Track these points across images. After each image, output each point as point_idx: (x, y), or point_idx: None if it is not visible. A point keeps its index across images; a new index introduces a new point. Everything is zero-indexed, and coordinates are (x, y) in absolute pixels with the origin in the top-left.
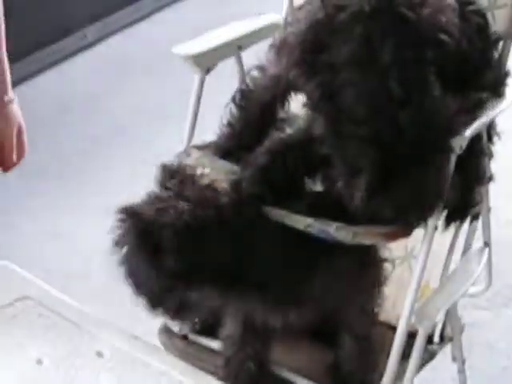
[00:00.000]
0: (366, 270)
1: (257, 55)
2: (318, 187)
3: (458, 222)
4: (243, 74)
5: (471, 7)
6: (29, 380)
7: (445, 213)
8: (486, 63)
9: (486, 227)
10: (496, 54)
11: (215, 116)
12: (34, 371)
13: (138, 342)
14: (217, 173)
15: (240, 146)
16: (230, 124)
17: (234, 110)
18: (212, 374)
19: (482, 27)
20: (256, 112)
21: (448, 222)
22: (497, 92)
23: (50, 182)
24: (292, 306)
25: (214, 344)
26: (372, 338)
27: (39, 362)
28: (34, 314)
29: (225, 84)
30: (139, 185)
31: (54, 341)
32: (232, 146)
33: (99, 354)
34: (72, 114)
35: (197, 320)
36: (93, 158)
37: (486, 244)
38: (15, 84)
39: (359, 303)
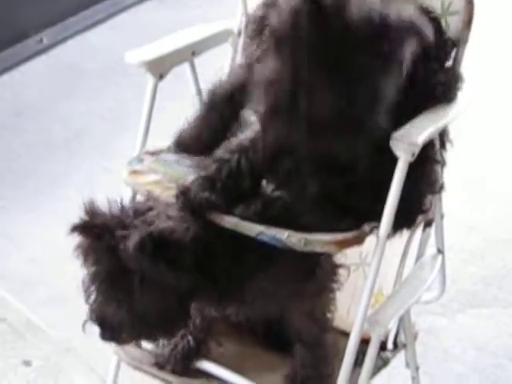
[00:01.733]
0: (311, 275)
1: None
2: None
3: (409, 229)
4: (196, 79)
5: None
6: None
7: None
8: (439, 66)
9: (439, 234)
10: (449, 60)
11: (169, 120)
12: None
13: (69, 354)
14: (168, 179)
15: (201, 147)
16: (193, 123)
17: (199, 109)
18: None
19: (437, 31)
20: (219, 112)
21: (396, 228)
22: (449, 96)
23: (4, 187)
24: (232, 302)
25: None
26: (324, 345)
27: None
28: None
29: (179, 89)
30: (96, 189)
31: None
32: (194, 146)
33: (26, 363)
34: (27, 119)
35: None
36: (48, 162)
37: (440, 251)
38: None
39: (306, 309)
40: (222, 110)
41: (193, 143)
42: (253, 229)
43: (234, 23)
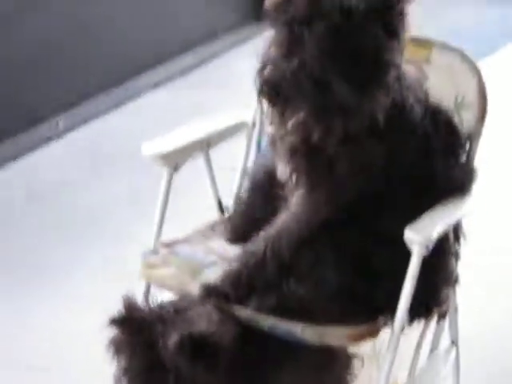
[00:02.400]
0: (329, 366)
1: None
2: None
3: (423, 321)
4: (211, 170)
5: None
6: None
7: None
8: (454, 160)
9: (453, 326)
10: (464, 154)
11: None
12: None
13: None
14: (183, 272)
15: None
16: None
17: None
18: None
19: (450, 126)
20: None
21: (411, 320)
22: (463, 190)
23: (18, 273)
24: None
25: None
26: None
27: None
28: None
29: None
30: (110, 277)
31: None
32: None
33: None
34: (42, 204)
35: None
36: (62, 249)
37: (453, 343)
38: None
39: None
40: (252, 213)
41: (217, 239)
42: (266, 321)
43: (248, 115)
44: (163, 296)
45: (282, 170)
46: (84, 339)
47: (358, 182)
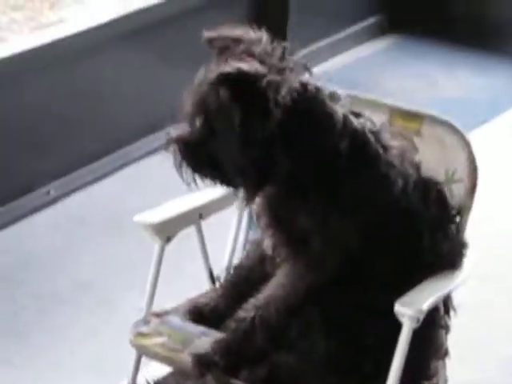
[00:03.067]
0: None
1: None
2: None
3: None
4: (203, 242)
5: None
6: None
7: None
8: (442, 235)
9: None
10: (453, 227)
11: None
12: None
13: None
14: (174, 341)
15: (215, 318)
16: (210, 294)
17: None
18: None
19: (440, 199)
20: (239, 290)
21: None
22: (454, 263)
23: (9, 339)
24: None
25: None
26: None
27: None
28: None
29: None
30: (100, 343)
31: None
32: (208, 316)
33: None
34: (33, 271)
35: None
36: (52, 315)
37: None
38: None
39: None
40: (242, 287)
41: (207, 313)
42: None
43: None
44: (153, 367)
45: (267, 244)
46: None
47: (335, 255)
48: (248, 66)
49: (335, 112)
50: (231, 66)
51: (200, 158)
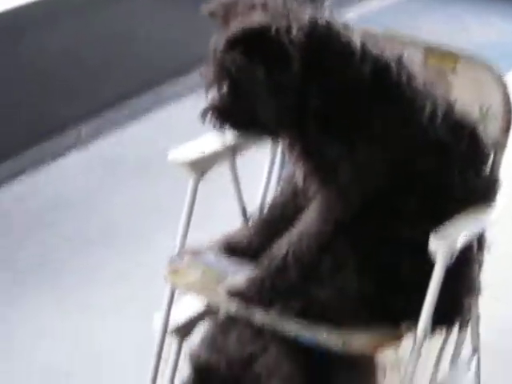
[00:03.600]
0: (363, 377)
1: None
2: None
3: (446, 329)
4: (236, 179)
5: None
6: None
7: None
8: (475, 171)
9: (475, 335)
10: (488, 164)
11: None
12: None
13: None
14: (208, 278)
15: (249, 253)
16: (244, 230)
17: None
18: None
19: (473, 136)
20: (274, 225)
21: (434, 328)
22: (487, 200)
23: (40, 280)
24: None
25: None
26: None
27: None
28: None
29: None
30: (130, 284)
31: None
32: (242, 251)
33: None
34: (64, 212)
35: None
36: (83, 256)
37: (475, 350)
38: (9, 180)
39: None
40: (276, 224)
41: (241, 251)
42: (291, 327)
43: None
44: (187, 300)
45: (299, 175)
46: (105, 349)
47: (363, 185)
48: (251, 21)
49: (351, 40)
50: (236, 27)
51: (237, 119)
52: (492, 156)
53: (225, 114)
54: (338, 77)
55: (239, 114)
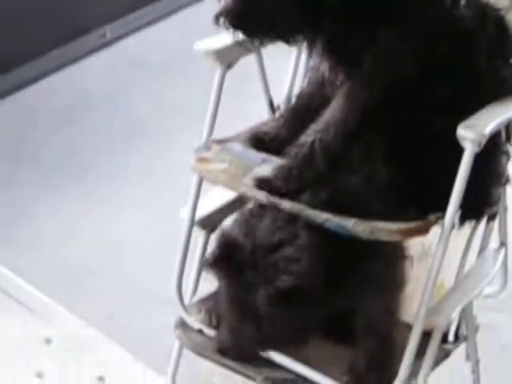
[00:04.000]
0: (393, 267)
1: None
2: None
3: (473, 222)
4: (263, 70)
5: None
6: None
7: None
8: (502, 61)
9: (503, 227)
10: None
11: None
12: None
13: (89, 330)
14: (235, 167)
15: (276, 146)
16: (272, 122)
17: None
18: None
19: (499, 25)
20: (300, 117)
21: (463, 220)
22: None
23: (65, 177)
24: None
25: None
26: (393, 337)
27: None
28: None
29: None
30: (156, 179)
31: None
32: (269, 144)
33: (48, 341)
34: (90, 111)
35: (214, 315)
36: (111, 153)
37: (503, 244)
38: (35, 80)
39: (385, 303)
40: (304, 114)
41: (268, 142)
42: (319, 216)
43: None
44: (215, 193)
45: (324, 68)
46: (129, 245)
47: (387, 71)
48: None
49: None
50: None
51: (252, 22)
52: None
53: (239, 17)
54: None
55: (254, 15)
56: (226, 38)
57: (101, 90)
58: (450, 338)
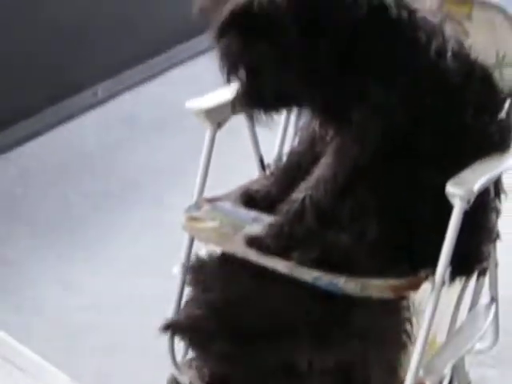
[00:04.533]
0: (390, 321)
1: None
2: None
3: (464, 277)
4: (254, 129)
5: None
6: None
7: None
8: (489, 116)
9: (493, 283)
10: (503, 111)
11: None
12: None
13: None
14: (225, 226)
15: (267, 204)
16: (263, 181)
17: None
18: None
19: (486, 82)
20: (292, 176)
21: (454, 276)
22: (504, 146)
23: (60, 235)
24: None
25: None
26: None
27: None
28: None
29: (233, 142)
30: (148, 239)
31: None
32: (260, 202)
33: None
34: (82, 170)
35: (205, 370)
36: (105, 211)
37: (493, 299)
38: (28, 138)
39: (385, 359)
40: (294, 172)
41: (259, 200)
42: (309, 274)
43: None
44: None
45: (316, 124)
46: (125, 301)
47: (377, 126)
48: (232, 5)
49: None
50: (221, 15)
51: (265, 98)
52: (508, 103)
53: (252, 98)
54: (329, 20)
55: (265, 93)
56: (216, 96)
57: (94, 148)
58: None
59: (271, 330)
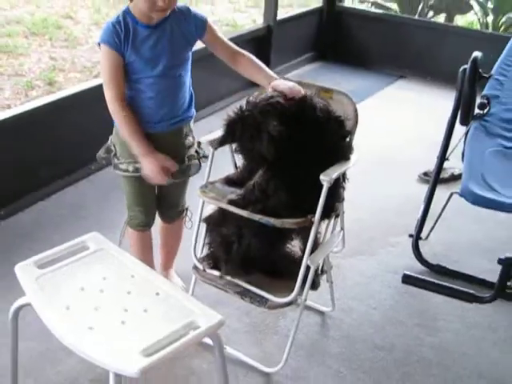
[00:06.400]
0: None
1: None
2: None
3: (329, 218)
4: (232, 151)
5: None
6: None
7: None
8: (342, 141)
9: (341, 220)
10: (347, 139)
11: (218, 171)
12: None
13: None
14: (217, 195)
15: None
16: (235, 173)
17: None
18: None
19: (340, 123)
20: (250, 169)
21: (324, 218)
22: (346, 157)
23: None
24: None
25: (216, 273)
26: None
27: None
28: None
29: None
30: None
31: None
32: (236, 179)
33: None
34: None
35: (210, 261)
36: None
37: (342, 228)
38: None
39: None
40: (250, 171)
41: (235, 182)
42: (257, 217)
43: None
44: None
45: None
46: None
47: (271, 150)
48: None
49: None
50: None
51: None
52: (350, 135)
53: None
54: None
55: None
56: (214, 135)
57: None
58: (319, 271)
59: (245, 233)
